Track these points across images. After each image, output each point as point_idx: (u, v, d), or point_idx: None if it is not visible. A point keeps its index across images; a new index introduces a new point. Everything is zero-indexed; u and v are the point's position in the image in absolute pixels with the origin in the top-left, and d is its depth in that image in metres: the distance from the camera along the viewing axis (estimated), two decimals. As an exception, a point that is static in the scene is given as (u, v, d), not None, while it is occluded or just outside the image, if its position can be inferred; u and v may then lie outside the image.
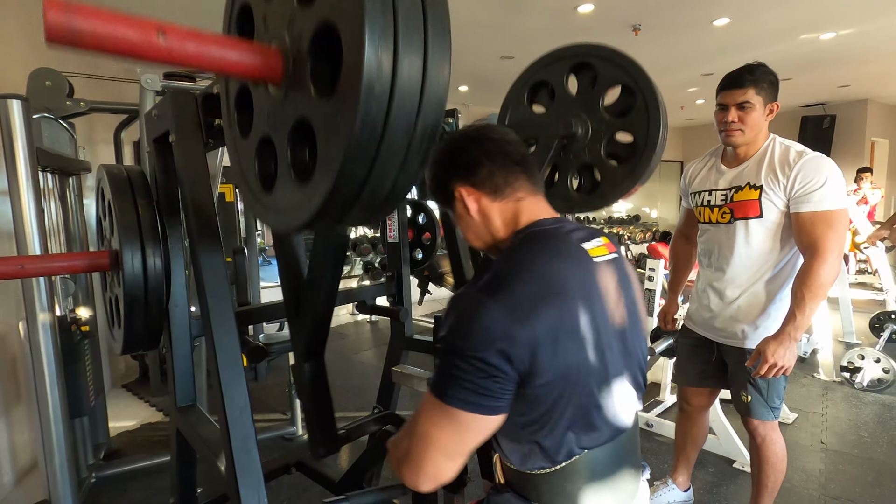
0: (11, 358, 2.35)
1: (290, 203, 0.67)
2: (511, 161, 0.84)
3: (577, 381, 0.74)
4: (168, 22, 0.56)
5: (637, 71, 1.30)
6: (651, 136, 1.29)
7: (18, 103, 1.79)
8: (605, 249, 0.83)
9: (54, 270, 1.13)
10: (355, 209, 0.61)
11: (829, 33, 4.29)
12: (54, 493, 1.95)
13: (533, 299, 0.71)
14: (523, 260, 0.75)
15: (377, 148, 0.55)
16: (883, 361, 3.12)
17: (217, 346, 0.99)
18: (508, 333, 0.68)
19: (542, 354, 0.69)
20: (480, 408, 0.70)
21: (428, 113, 0.57)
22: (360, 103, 0.51)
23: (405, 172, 0.60)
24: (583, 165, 1.42)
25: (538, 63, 1.46)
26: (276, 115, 0.69)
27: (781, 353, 1.45)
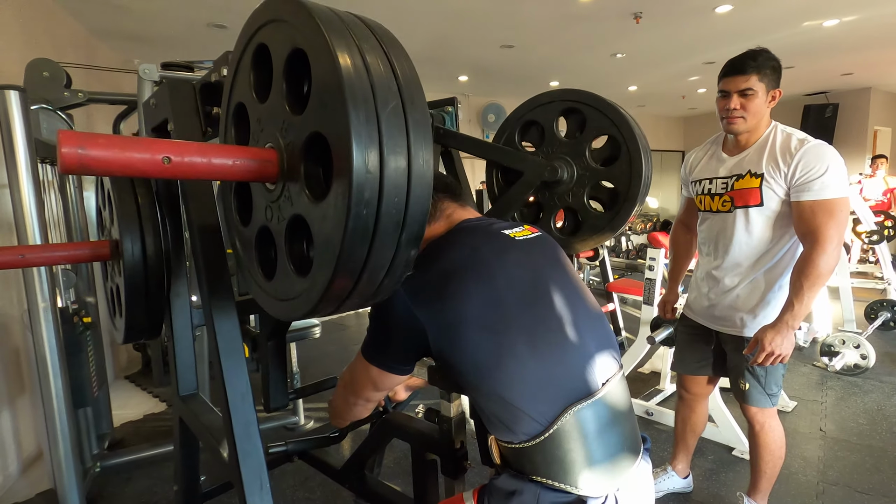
0: (15, 349, 2.37)
1: (291, 293, 0.72)
2: (436, 191, 0.96)
3: (501, 339, 0.83)
4: (172, 142, 0.62)
5: (624, 125, 1.36)
6: (632, 189, 1.37)
7: (16, 94, 1.78)
8: (527, 231, 0.99)
9: (55, 260, 1.13)
10: (353, 297, 0.66)
11: (833, 20, 4.25)
12: (59, 482, 1.97)
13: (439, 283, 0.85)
14: (436, 251, 0.90)
15: (370, 244, 0.60)
16: (862, 348, 3.14)
17: (218, 334, 1.00)
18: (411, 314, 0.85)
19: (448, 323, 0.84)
20: (392, 365, 0.93)
21: (415, 208, 0.62)
22: (351, 208, 0.57)
23: (398, 261, 0.65)
24: (566, 207, 1.50)
25: (531, 103, 1.54)
26: (273, 210, 0.74)
27: (779, 341, 1.46)
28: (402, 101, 0.61)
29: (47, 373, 1.90)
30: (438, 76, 5.94)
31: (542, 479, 0.82)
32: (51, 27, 3.17)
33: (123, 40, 4.14)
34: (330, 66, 0.59)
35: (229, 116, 0.86)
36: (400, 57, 0.65)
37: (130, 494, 2.16)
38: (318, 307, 0.67)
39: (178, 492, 1.50)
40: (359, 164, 0.56)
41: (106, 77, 3.72)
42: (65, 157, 0.53)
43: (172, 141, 0.62)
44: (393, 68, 0.63)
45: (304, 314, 0.70)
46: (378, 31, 0.66)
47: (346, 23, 0.63)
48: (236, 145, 0.81)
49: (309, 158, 0.66)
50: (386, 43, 0.65)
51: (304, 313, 0.70)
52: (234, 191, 0.87)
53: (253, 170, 0.68)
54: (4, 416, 2.26)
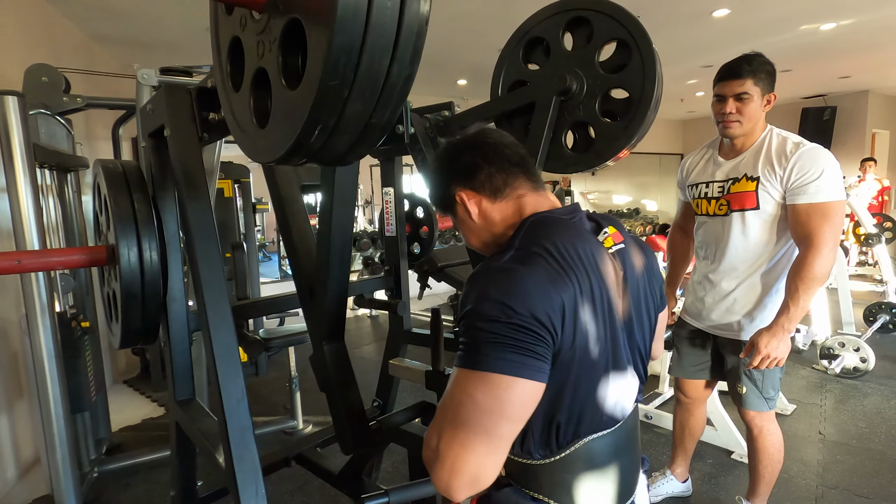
0: (13, 353, 2.36)
1: (286, 118, 0.66)
2: (509, 162, 0.84)
3: (588, 359, 0.73)
4: None
5: (634, 25, 1.28)
6: (646, 91, 1.27)
7: (15, 99, 1.78)
8: (611, 240, 0.83)
9: (51, 265, 1.13)
10: (351, 102, 0.60)
11: (830, 23, 4.26)
12: (57, 487, 1.97)
13: (562, 268, 0.70)
14: (544, 236, 0.75)
15: (363, 32, 0.55)
16: (861, 350, 3.14)
17: (214, 339, 1.00)
18: (548, 298, 0.67)
19: (571, 323, 0.68)
20: (526, 369, 0.65)
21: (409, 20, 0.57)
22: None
23: (397, 62, 0.60)
24: (577, 123, 1.39)
25: (533, 18, 1.44)
26: (263, 42, 0.69)
27: (775, 344, 1.46)
28: None
29: (45, 377, 1.90)
30: (437, 80, 5.96)
31: (544, 498, 0.80)
32: (50, 32, 3.19)
33: (122, 45, 4.16)
34: None
35: None
36: None
37: (128, 500, 2.16)
38: (310, 122, 0.61)
39: (174, 497, 1.49)
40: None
41: (104, 82, 3.73)
42: None
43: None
44: None
45: (297, 133, 0.63)
46: None
47: None
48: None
49: None
50: None
51: (298, 131, 0.63)
52: (227, 55, 0.83)
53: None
54: (2, 421, 2.26)
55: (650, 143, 8.93)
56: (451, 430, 0.66)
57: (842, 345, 3.21)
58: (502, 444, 0.68)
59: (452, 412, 0.67)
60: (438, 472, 0.67)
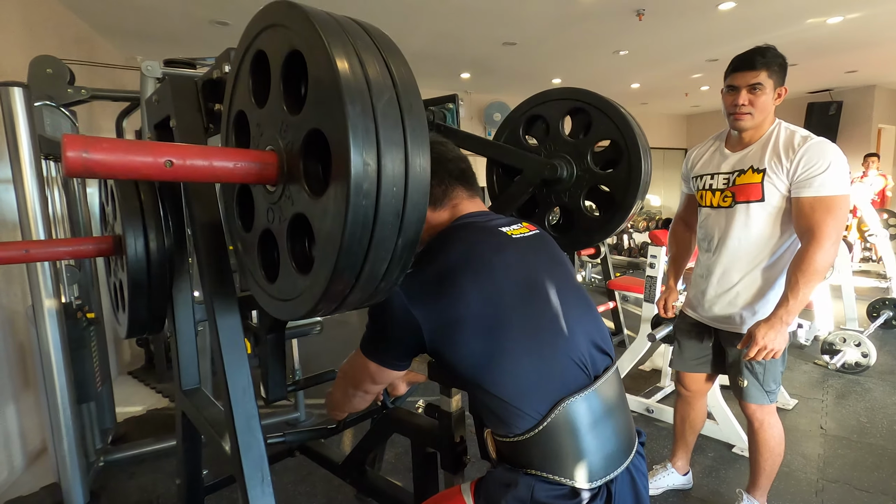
0: (20, 344, 2.39)
1: (293, 292, 0.73)
2: (450, 176, 0.98)
3: (507, 332, 0.84)
4: (174, 146, 0.63)
5: (629, 132, 1.37)
6: (628, 199, 1.38)
7: (20, 91, 1.79)
8: (525, 229, 0.98)
9: (59, 255, 1.14)
10: (354, 294, 0.67)
11: (837, 17, 4.23)
12: (63, 476, 2.00)
13: (451, 270, 0.86)
14: (434, 249, 0.90)
15: (371, 235, 0.61)
16: (863, 346, 3.14)
17: (220, 329, 1.01)
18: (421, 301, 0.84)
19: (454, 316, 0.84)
20: (386, 358, 0.93)
21: (412, 211, 0.63)
22: (350, 198, 0.57)
23: (397, 257, 0.65)
24: (562, 206, 1.50)
25: (538, 98, 1.54)
26: (274, 211, 0.75)
27: (772, 336, 1.46)
28: (399, 105, 0.61)
29: (51, 368, 1.92)
30: (440, 73, 5.94)
31: (536, 471, 0.84)
32: (54, 24, 3.19)
33: (126, 37, 4.15)
34: (326, 65, 0.60)
35: (230, 124, 0.87)
36: (397, 61, 0.65)
37: (133, 489, 2.18)
38: (320, 305, 0.67)
39: (180, 485, 1.51)
40: (356, 160, 0.57)
41: (109, 74, 3.73)
42: (70, 161, 0.54)
43: (175, 144, 0.63)
44: (390, 71, 0.63)
45: (305, 313, 0.70)
46: (375, 34, 0.67)
47: (342, 25, 0.64)
48: (237, 148, 0.82)
49: (308, 156, 0.67)
50: (382, 46, 0.65)
51: (306, 312, 0.70)
52: (236, 197, 0.88)
53: (254, 172, 0.69)
54: (9, 410, 2.28)
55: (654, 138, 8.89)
56: (346, 371, 1.04)
57: (843, 340, 3.21)
58: (368, 397, 1.06)
59: (348, 365, 1.03)
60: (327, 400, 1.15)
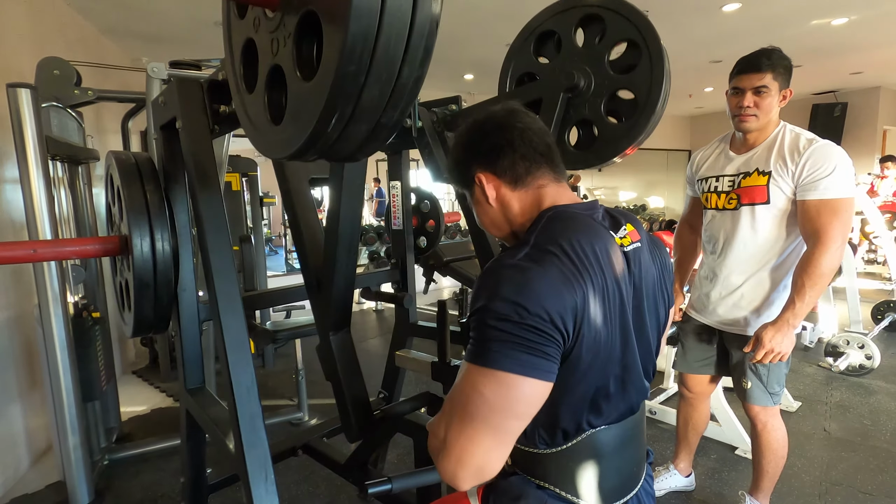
0: (26, 344, 2.40)
1: (302, 110, 0.66)
2: (534, 150, 0.82)
3: (601, 356, 0.73)
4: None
5: (647, 28, 1.27)
6: (652, 96, 1.27)
7: (28, 92, 1.81)
8: (629, 239, 0.82)
9: (66, 255, 1.16)
10: (367, 89, 0.60)
11: (842, 18, 4.22)
12: (68, 474, 2.01)
13: (576, 268, 0.70)
14: (559, 233, 0.74)
15: (378, 21, 0.55)
16: (867, 348, 3.13)
17: (224, 328, 1.02)
18: (560, 298, 0.67)
19: (582, 323, 0.69)
20: (535, 370, 0.66)
21: (422, 17, 0.58)
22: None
23: (407, 64, 0.60)
24: (582, 120, 1.39)
25: (548, 11, 1.43)
26: (277, 39, 0.69)
27: (779, 339, 1.46)
28: None
29: (57, 367, 1.94)
30: (444, 75, 5.95)
31: (550, 486, 0.81)
32: (61, 26, 3.22)
33: (132, 39, 4.18)
34: None
35: None
36: None
37: (138, 487, 2.19)
38: (327, 112, 0.61)
39: (184, 483, 1.52)
40: None
41: (115, 75, 3.76)
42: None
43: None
44: None
45: (313, 125, 0.63)
46: None
47: None
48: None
49: None
50: None
51: (314, 123, 0.63)
52: (241, 59, 0.84)
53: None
54: (15, 409, 2.30)
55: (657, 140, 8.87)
56: (459, 422, 0.68)
57: (847, 342, 3.19)
58: (507, 439, 0.69)
59: (461, 405, 0.69)
60: (444, 462, 0.69)
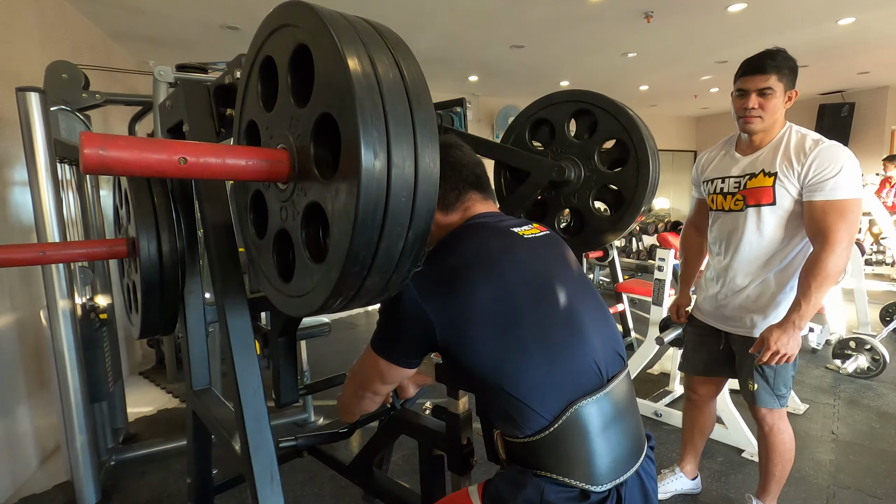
0: (34, 345, 2.43)
1: (309, 286, 0.74)
2: (465, 182, 0.98)
3: (520, 332, 0.84)
4: (188, 144, 0.64)
5: (635, 130, 1.38)
6: (637, 195, 1.38)
7: (36, 96, 1.83)
8: (535, 229, 0.99)
9: (74, 257, 1.16)
10: (369, 279, 0.67)
11: (849, 18, 4.19)
12: (76, 474, 2.03)
13: (462, 268, 0.86)
14: (445, 247, 0.91)
15: (383, 219, 0.61)
16: (875, 350, 3.10)
17: (231, 330, 1.02)
18: (433, 298, 0.84)
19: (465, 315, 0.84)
20: (395, 355, 0.92)
21: (422, 202, 0.63)
22: (361, 184, 0.58)
23: (409, 246, 0.66)
24: (572, 208, 1.51)
25: (542, 101, 1.55)
26: (287, 208, 0.76)
27: (785, 340, 1.45)
28: (409, 101, 0.62)
29: (65, 368, 1.96)
30: (448, 76, 5.95)
31: (546, 473, 0.84)
32: (69, 30, 3.25)
33: (139, 42, 4.22)
34: (334, 54, 0.61)
35: (241, 133, 0.90)
36: (407, 59, 0.66)
37: (145, 487, 2.21)
38: (334, 295, 0.67)
39: (190, 484, 1.53)
40: (368, 157, 0.58)
41: (122, 79, 3.79)
42: (87, 158, 0.56)
43: (188, 142, 0.64)
44: (398, 66, 0.64)
45: (322, 303, 0.70)
46: (384, 32, 0.68)
47: (352, 23, 0.65)
48: (249, 146, 0.83)
49: (317, 145, 0.68)
50: (392, 44, 0.66)
51: (323, 302, 0.69)
52: (250, 204, 0.90)
53: (265, 169, 0.70)
54: (23, 409, 2.32)
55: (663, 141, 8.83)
56: (355, 371, 1.03)
57: (855, 344, 3.17)
58: (377, 398, 1.04)
59: (357, 365, 1.01)
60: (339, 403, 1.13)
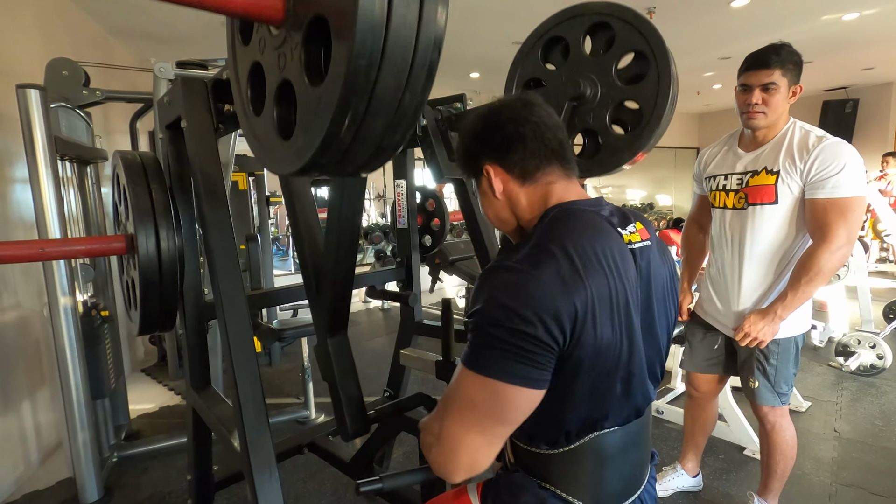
0: (35, 342, 2.43)
1: (313, 117, 0.65)
2: (546, 147, 0.80)
3: (604, 359, 0.71)
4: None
5: (656, 39, 1.26)
6: (658, 109, 1.26)
7: (36, 93, 1.83)
8: (638, 236, 0.80)
9: (73, 254, 1.16)
10: (379, 84, 0.59)
11: (853, 13, 4.16)
12: (78, 471, 2.03)
13: (576, 271, 0.68)
14: (562, 233, 0.73)
15: (384, 38, 0.55)
16: (878, 348, 3.08)
17: (229, 327, 1.02)
18: (555, 304, 0.66)
19: (583, 327, 0.67)
20: (525, 380, 0.67)
21: (430, 18, 0.57)
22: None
23: (412, 83, 0.59)
24: (586, 129, 1.39)
25: (556, 17, 1.42)
26: (284, 54, 0.69)
27: (760, 326, 1.49)
28: None
29: (66, 365, 1.96)
30: (450, 73, 5.94)
31: (551, 487, 0.80)
32: (70, 27, 3.25)
33: (140, 39, 4.21)
34: None
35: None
36: None
37: (146, 484, 2.21)
38: (334, 125, 0.60)
39: (191, 481, 1.53)
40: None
41: (123, 76, 3.79)
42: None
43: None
44: None
45: (319, 143, 0.63)
46: None
47: None
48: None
49: None
50: None
51: (320, 141, 0.63)
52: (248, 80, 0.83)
53: (258, 3, 0.65)
54: (25, 406, 2.33)
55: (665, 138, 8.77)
56: (451, 422, 0.71)
57: (858, 341, 3.15)
58: (496, 441, 0.72)
59: (454, 406, 0.72)
60: (437, 457, 0.74)
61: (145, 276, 1.12)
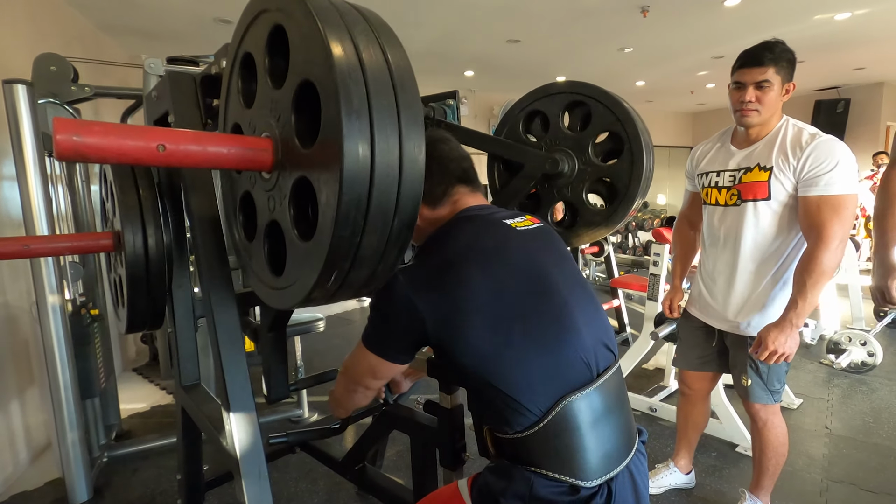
0: (24, 341, 2.40)
1: (297, 276, 0.73)
2: (452, 177, 0.97)
3: (513, 327, 0.83)
4: (167, 130, 0.62)
5: (629, 122, 1.37)
6: (631, 188, 1.37)
7: (24, 88, 1.80)
8: (528, 221, 0.98)
9: (59, 251, 1.14)
10: (355, 269, 0.66)
11: (845, 13, 4.18)
12: (67, 471, 2.01)
13: (457, 262, 0.85)
14: (436, 241, 0.91)
15: (367, 206, 0.60)
16: (869, 345, 3.11)
17: (218, 325, 1.01)
18: (411, 304, 0.83)
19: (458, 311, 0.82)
20: (388, 351, 0.91)
21: (410, 176, 0.62)
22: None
23: (394, 236, 0.66)
24: (565, 201, 1.50)
25: (537, 93, 1.54)
26: (274, 197, 0.75)
27: (782, 340, 1.44)
28: (394, 88, 0.61)
29: (55, 364, 1.94)
30: (444, 70, 5.92)
31: (535, 468, 0.83)
32: (59, 22, 3.20)
33: (130, 35, 4.17)
34: (317, 40, 0.60)
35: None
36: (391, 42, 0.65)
37: (137, 484, 2.19)
38: (322, 278, 0.65)
39: (180, 481, 1.52)
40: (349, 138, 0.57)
41: (113, 72, 3.75)
42: (60, 145, 0.54)
43: (168, 129, 0.62)
44: (383, 51, 0.63)
45: (309, 290, 0.69)
46: (370, 17, 0.66)
47: (336, 6, 0.64)
48: (232, 134, 0.82)
49: (298, 115, 0.66)
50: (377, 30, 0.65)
51: (310, 287, 0.68)
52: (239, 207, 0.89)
53: (248, 157, 0.69)
54: (14, 406, 2.30)
55: (659, 137, 8.84)
56: (347, 366, 1.01)
57: (849, 339, 3.18)
58: (369, 393, 1.02)
59: (349, 360, 0.99)
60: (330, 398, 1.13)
61: (132, 274, 1.10)
